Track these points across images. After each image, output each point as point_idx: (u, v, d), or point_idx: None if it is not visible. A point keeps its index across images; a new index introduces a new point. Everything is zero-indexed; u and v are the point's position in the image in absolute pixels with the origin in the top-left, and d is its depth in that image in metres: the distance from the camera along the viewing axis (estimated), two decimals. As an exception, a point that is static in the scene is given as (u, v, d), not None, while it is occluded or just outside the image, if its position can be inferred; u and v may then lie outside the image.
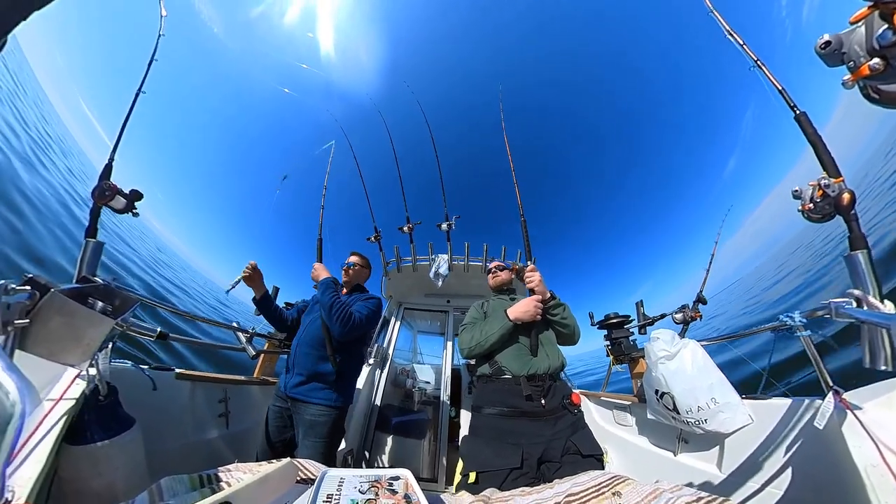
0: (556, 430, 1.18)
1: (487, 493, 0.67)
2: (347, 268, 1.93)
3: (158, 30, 1.80)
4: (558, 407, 1.24)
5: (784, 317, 1.22)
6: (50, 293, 0.48)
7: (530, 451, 1.12)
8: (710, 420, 1.30)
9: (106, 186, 1.18)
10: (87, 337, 0.51)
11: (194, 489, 0.52)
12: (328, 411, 1.55)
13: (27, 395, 0.32)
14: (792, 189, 1.20)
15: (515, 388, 1.26)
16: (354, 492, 0.43)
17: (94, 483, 0.84)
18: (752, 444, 1.22)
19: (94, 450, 0.84)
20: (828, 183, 1.10)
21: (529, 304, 1.34)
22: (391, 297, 3.87)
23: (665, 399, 1.44)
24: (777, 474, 1.10)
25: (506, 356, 1.34)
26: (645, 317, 2.53)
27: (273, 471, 0.53)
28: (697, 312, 2.36)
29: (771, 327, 1.30)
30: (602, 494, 0.56)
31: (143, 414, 1.03)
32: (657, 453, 1.69)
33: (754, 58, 1.56)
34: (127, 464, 0.92)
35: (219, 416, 1.75)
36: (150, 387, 1.31)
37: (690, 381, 1.36)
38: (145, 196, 1.33)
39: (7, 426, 0.30)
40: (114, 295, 0.57)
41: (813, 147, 1.24)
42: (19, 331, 0.45)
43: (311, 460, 0.70)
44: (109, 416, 0.92)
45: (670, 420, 1.48)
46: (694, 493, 0.50)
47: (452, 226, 3.15)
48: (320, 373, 1.59)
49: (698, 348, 1.44)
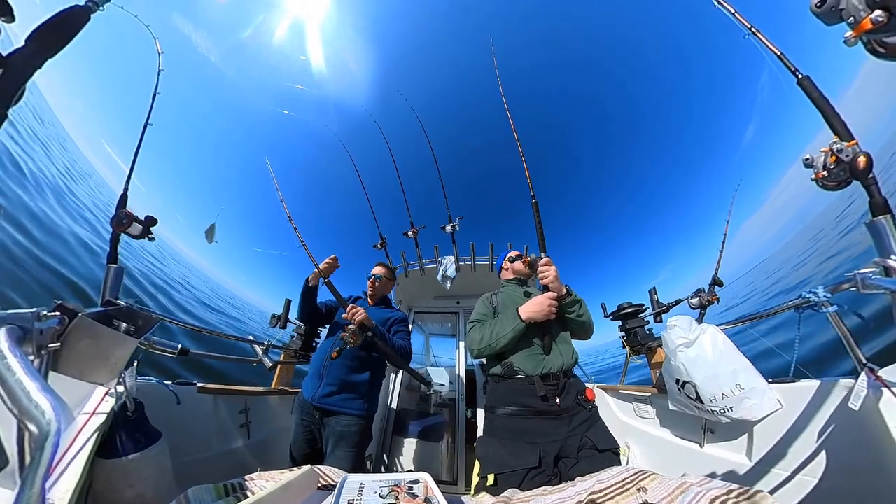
0: (572, 427, 1.16)
1: (508, 494, 0.66)
2: (374, 280, 1.92)
3: (157, 65, 1.89)
4: (573, 404, 1.22)
5: (807, 293, 1.15)
6: (78, 317, 0.51)
7: (547, 449, 1.11)
8: (735, 407, 1.24)
9: (123, 215, 1.25)
10: (113, 356, 0.54)
11: (220, 498, 0.53)
12: (359, 421, 1.56)
13: (62, 413, 0.34)
14: (803, 158, 1.12)
15: (529, 387, 1.23)
16: (375, 496, 0.44)
17: (126, 494, 0.87)
18: (783, 431, 1.17)
19: (124, 463, 0.88)
20: (840, 147, 1.02)
21: (543, 303, 1.26)
22: (401, 302, 3.89)
23: (687, 388, 1.38)
24: (810, 460, 1.05)
25: (518, 356, 1.30)
26: (659, 304, 2.43)
27: (295, 478, 0.54)
28: (714, 296, 2.26)
29: (793, 305, 1.23)
30: (626, 491, 0.55)
31: (168, 427, 1.06)
32: (682, 445, 1.63)
33: (748, 26, 1.51)
34: (156, 475, 0.96)
35: (240, 427, 1.79)
36: (174, 401, 1.36)
37: (712, 367, 1.30)
38: (167, 220, 1.38)
39: (45, 443, 0.32)
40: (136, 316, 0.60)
41: (820, 111, 1.17)
42: (52, 353, 0.48)
43: (332, 467, 0.71)
44: (138, 431, 0.96)
45: (694, 410, 1.42)
46: (724, 485, 0.48)
47: (457, 227, 3.16)
48: (354, 383, 1.60)
49: (718, 333, 1.37)
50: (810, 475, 1.04)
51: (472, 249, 3.38)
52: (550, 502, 0.58)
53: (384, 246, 3.18)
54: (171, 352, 1.35)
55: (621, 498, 0.54)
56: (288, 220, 1.92)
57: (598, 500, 0.55)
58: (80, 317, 0.51)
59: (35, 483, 0.31)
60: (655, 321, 2.42)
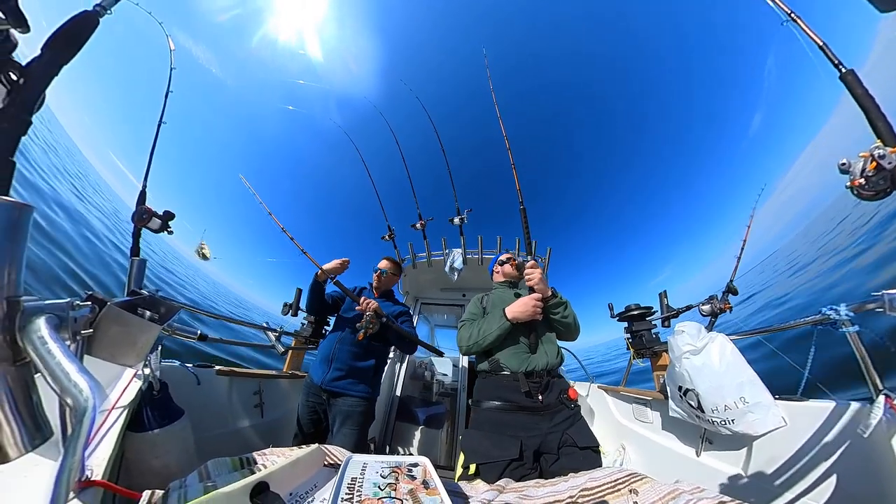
0: (553, 423, 1.19)
1: (502, 483, 0.68)
2: (380, 274, 1.97)
3: (170, 64, 1.92)
4: (555, 402, 1.24)
5: (827, 309, 1.09)
6: (107, 306, 0.56)
7: (528, 443, 1.14)
8: (737, 420, 1.20)
9: (143, 210, 1.32)
10: (140, 341, 0.60)
11: (235, 470, 0.59)
12: (363, 403, 1.68)
13: (97, 391, 0.38)
14: (838, 162, 1.03)
15: (514, 384, 1.26)
16: (376, 476, 0.46)
17: (154, 464, 0.97)
18: (785, 449, 1.12)
19: (152, 436, 0.98)
20: (882, 153, 0.93)
21: (528, 304, 1.30)
22: (408, 293, 3.95)
23: (689, 396, 1.35)
24: (811, 483, 1.00)
25: (505, 353, 1.34)
26: (669, 308, 2.36)
27: (303, 455, 0.58)
28: (727, 304, 2.16)
29: (811, 321, 1.16)
30: (618, 491, 0.55)
31: (189, 405, 1.16)
32: (678, 452, 1.61)
33: (787, 11, 1.37)
34: (179, 448, 1.06)
35: (254, 407, 1.91)
36: (195, 382, 1.47)
37: (718, 378, 1.27)
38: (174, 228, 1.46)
39: (83, 417, 0.36)
40: (159, 304, 0.66)
41: (864, 110, 1.05)
42: (85, 339, 0.53)
43: (337, 446, 0.76)
44: (163, 408, 1.06)
45: (694, 419, 1.40)
46: (716, 496, 0.48)
47: (465, 220, 3.15)
48: (359, 368, 1.72)
49: (727, 343, 1.32)
50: (812, 499, 0.99)
51: (479, 243, 3.38)
52: (543, 494, 0.60)
53: (392, 237, 3.22)
54: (192, 336, 1.44)
55: (612, 498, 0.54)
56: (282, 231, 2.00)
57: (589, 497, 0.55)
58: (109, 305, 0.56)
59: (76, 451, 0.36)
60: (664, 325, 2.36)
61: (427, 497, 0.43)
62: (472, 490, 0.62)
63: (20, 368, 0.41)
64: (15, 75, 0.43)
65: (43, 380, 0.40)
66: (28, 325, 0.40)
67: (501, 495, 0.60)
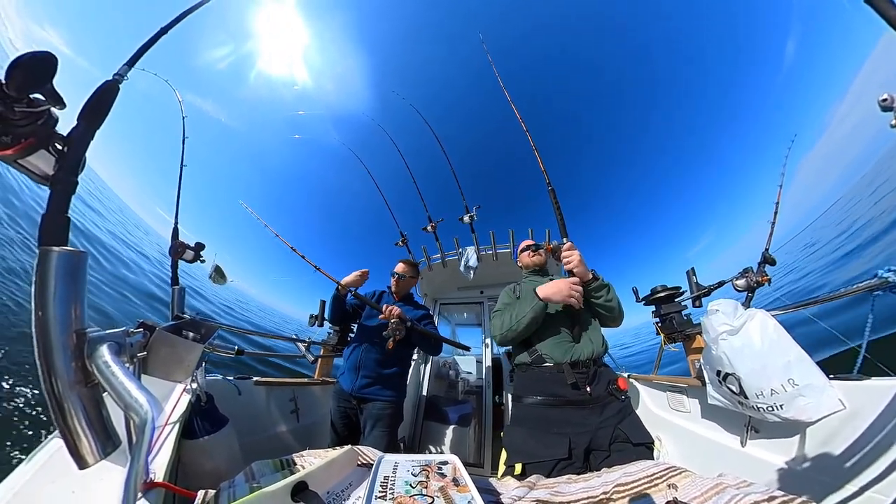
0: (603, 417, 1.11)
1: (533, 480, 0.66)
2: (398, 279, 2.01)
3: (181, 112, 2.11)
4: (604, 393, 1.16)
5: (884, 271, 0.97)
6: (156, 331, 0.64)
7: (577, 440, 1.07)
8: (786, 406, 1.07)
9: (177, 245, 1.50)
10: (186, 360, 0.67)
11: (277, 471, 0.64)
12: (391, 405, 1.75)
13: (154, 405, 0.44)
14: (879, 98, 0.91)
15: (559, 376, 1.18)
16: (408, 474, 0.48)
17: (206, 467, 1.08)
18: (844, 436, 1.00)
19: (202, 443, 1.09)
20: None
21: (561, 284, 1.22)
22: (426, 295, 3.99)
23: (729, 381, 1.22)
24: (879, 476, 0.88)
25: (546, 343, 1.26)
26: (699, 286, 2.17)
27: (338, 456, 0.62)
28: (765, 276, 1.96)
29: (866, 287, 1.04)
30: (656, 486, 0.53)
31: (233, 414, 1.27)
32: (720, 443, 1.49)
33: None
34: (226, 452, 1.17)
35: (290, 413, 2.03)
36: (236, 393, 1.59)
37: (760, 358, 1.13)
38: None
39: (145, 428, 0.42)
40: (200, 325, 0.73)
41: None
42: (141, 361, 0.61)
43: (370, 447, 0.80)
44: (210, 417, 1.17)
45: (736, 405, 1.26)
46: (765, 490, 0.44)
47: (474, 217, 3.15)
48: (386, 374, 1.79)
49: (768, 319, 1.17)
50: (880, 492, 0.87)
51: (492, 238, 3.36)
52: (575, 490, 0.57)
53: (405, 243, 3.27)
54: (230, 352, 1.57)
55: (649, 492, 0.52)
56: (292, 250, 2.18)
57: (624, 492, 0.53)
58: (158, 330, 0.64)
59: (140, 458, 0.42)
60: (694, 305, 2.17)
61: (458, 494, 0.44)
62: (503, 487, 0.62)
63: (91, 389, 0.48)
64: (60, 145, 0.50)
65: (110, 398, 0.46)
66: (94, 353, 0.48)
67: (532, 492, 0.59)
